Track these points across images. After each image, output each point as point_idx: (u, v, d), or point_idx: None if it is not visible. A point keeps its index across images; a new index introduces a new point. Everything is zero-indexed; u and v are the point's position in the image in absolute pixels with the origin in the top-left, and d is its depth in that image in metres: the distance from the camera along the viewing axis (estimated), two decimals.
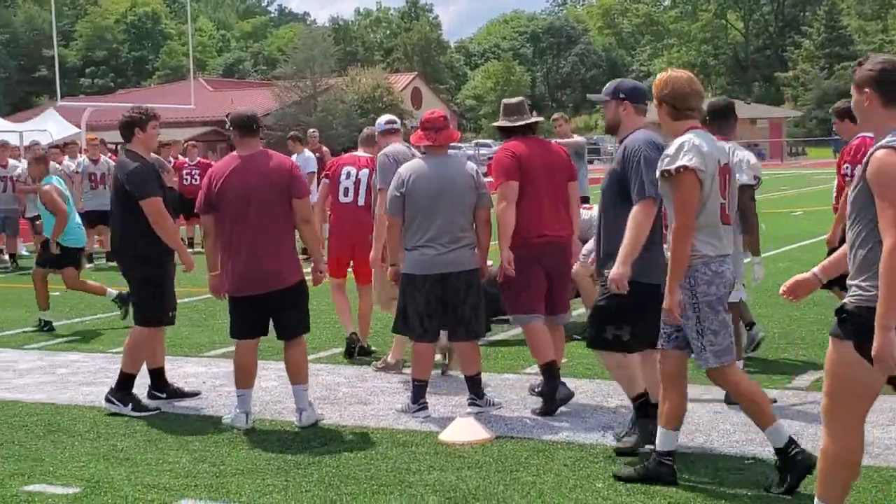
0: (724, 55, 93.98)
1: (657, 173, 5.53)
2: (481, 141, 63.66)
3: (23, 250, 18.09)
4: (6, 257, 17.52)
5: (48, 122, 37.89)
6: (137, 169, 7.49)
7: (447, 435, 6.77)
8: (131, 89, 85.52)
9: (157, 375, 7.98)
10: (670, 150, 5.45)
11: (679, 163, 5.35)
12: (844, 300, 4.28)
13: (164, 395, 7.89)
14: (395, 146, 8.64)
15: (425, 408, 7.32)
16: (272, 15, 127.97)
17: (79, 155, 18.26)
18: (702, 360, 5.56)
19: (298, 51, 64.28)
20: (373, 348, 9.52)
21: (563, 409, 7.31)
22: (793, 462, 5.44)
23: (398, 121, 9.27)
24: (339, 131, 55.74)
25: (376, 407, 7.61)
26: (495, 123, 7.80)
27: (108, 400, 7.58)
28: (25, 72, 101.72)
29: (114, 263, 11.07)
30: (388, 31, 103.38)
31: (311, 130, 20.43)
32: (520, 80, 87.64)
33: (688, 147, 5.38)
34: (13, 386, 8.58)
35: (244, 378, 7.18)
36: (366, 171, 9.22)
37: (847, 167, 8.38)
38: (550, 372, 7.19)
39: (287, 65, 65.92)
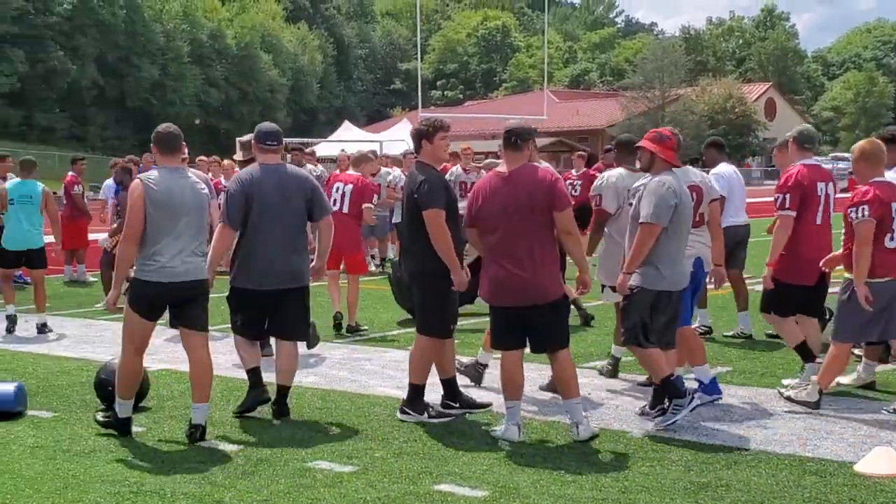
0: None
1: None
2: (839, 154, 60.65)
3: (390, 253, 18.72)
4: (377, 260, 18.19)
5: (403, 133, 39.49)
6: (426, 179, 7.45)
7: (865, 466, 6.28)
8: (479, 101, 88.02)
9: (450, 385, 7.83)
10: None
11: None
12: None
13: (457, 405, 7.77)
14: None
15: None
16: (619, 26, 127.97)
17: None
18: None
19: (647, 61, 63.86)
20: (363, 326, 11.59)
21: None
22: None
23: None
24: (687, 143, 54.77)
25: (778, 431, 7.21)
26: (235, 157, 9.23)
27: (402, 411, 7.60)
28: (381, 84, 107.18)
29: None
30: (741, 41, 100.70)
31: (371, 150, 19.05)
32: (883, 91, 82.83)
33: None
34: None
35: (513, 390, 7.05)
36: (350, 186, 11.54)
37: None
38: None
39: (635, 75, 65.68)
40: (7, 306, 11.99)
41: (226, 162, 17.90)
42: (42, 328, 11.70)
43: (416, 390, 7.62)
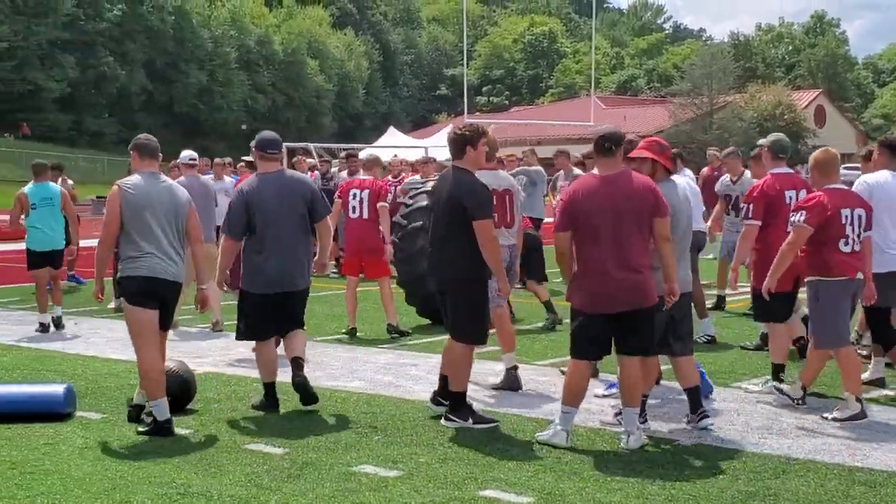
0: None
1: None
2: None
3: None
4: None
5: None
6: (477, 187, 7.49)
7: None
8: (525, 107, 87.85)
9: (446, 383, 7.79)
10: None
11: None
12: None
13: (447, 402, 7.73)
14: (187, 178, 11.50)
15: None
16: (667, 32, 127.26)
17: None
18: None
19: (696, 67, 63.42)
20: (407, 329, 11.67)
21: None
22: None
23: (196, 156, 12.72)
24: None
25: (826, 440, 7.14)
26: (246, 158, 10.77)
27: (446, 418, 7.57)
28: (427, 90, 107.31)
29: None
30: (790, 47, 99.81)
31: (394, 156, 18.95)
32: None
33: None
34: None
35: (575, 397, 7.02)
36: (367, 191, 11.65)
37: None
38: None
39: (683, 81, 65.30)
40: (43, 315, 12.18)
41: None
42: (58, 321, 12.14)
43: (458, 397, 7.60)
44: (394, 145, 40.05)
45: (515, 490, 6.02)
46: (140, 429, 7.36)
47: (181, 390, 7.98)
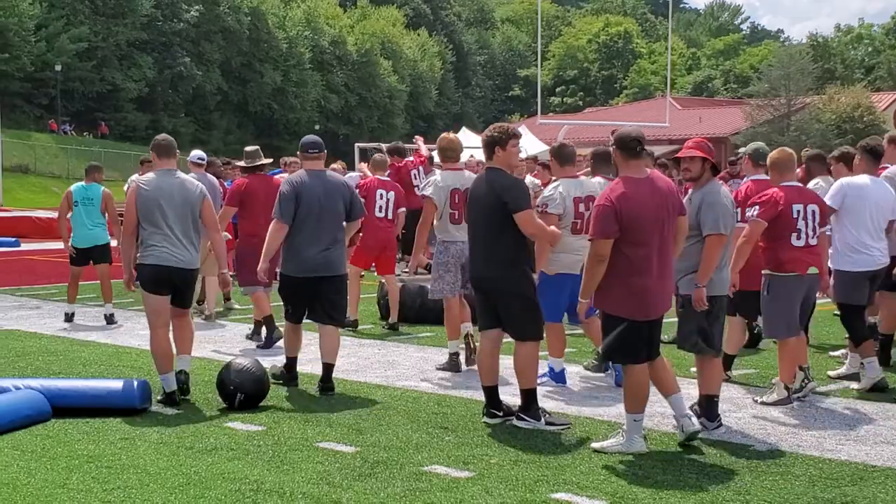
0: None
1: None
2: None
3: None
4: None
5: (521, 139, 39.48)
6: (513, 182, 7.54)
7: None
8: (599, 108, 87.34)
9: (492, 393, 7.71)
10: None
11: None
12: None
13: (500, 413, 7.66)
14: (195, 176, 11.32)
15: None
16: (744, 32, 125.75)
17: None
18: None
19: (773, 68, 62.50)
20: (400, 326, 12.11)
21: None
22: None
23: (205, 156, 13.89)
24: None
25: None
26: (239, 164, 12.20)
27: (518, 418, 7.51)
28: (499, 90, 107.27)
29: None
30: (870, 48, 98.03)
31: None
32: None
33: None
34: None
35: (642, 403, 6.90)
36: (392, 193, 12.44)
37: None
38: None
39: (760, 82, 64.44)
40: (70, 305, 13.08)
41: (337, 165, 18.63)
42: (110, 318, 12.70)
43: (530, 394, 7.56)
44: (466, 146, 40.05)
45: (588, 493, 5.97)
46: (157, 398, 8.19)
47: (255, 388, 8.07)
